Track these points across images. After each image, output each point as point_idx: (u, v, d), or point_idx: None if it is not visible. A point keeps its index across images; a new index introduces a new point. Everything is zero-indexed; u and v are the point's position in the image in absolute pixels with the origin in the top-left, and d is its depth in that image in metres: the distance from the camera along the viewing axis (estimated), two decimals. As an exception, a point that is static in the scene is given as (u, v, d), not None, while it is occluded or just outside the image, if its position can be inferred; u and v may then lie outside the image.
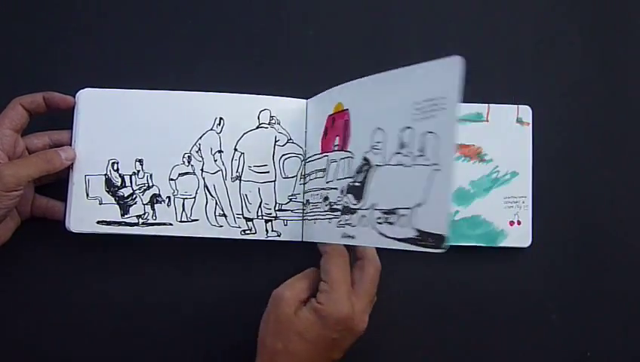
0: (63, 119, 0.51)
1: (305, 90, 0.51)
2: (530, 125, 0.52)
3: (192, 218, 0.50)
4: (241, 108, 0.51)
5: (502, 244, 0.51)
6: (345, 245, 0.45)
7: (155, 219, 0.50)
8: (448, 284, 0.52)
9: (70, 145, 0.50)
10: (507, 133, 0.52)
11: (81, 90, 0.51)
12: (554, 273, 0.52)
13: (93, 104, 0.51)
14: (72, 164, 0.50)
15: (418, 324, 0.51)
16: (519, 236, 0.51)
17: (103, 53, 0.54)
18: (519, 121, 0.52)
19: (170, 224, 0.50)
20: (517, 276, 0.52)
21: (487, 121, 0.52)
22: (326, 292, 0.43)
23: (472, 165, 0.52)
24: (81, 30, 0.54)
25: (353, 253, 0.46)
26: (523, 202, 0.51)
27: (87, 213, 0.50)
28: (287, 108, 0.51)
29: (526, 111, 0.52)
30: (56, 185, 0.49)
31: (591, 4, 0.54)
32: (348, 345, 0.44)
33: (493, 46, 0.54)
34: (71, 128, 0.50)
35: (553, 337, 0.51)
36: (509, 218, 0.51)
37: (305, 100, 0.52)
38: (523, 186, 0.51)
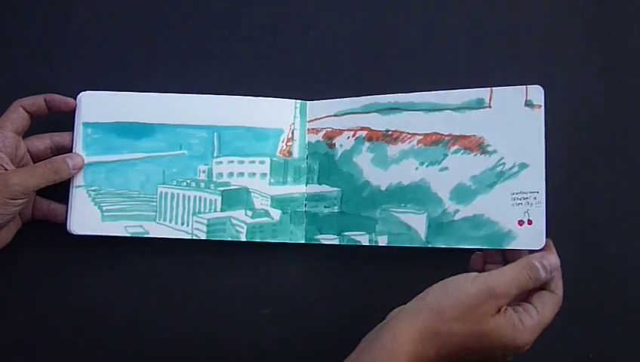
0: (64, 121, 0.51)
1: (305, 91, 0.51)
2: (542, 108, 0.46)
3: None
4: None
5: (510, 246, 0.46)
6: None
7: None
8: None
9: (71, 147, 0.50)
10: (514, 119, 0.46)
11: (82, 93, 0.51)
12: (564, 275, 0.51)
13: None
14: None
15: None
16: (530, 237, 0.46)
17: (103, 55, 0.54)
18: (528, 104, 0.46)
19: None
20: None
21: (490, 107, 0.47)
22: (532, 320, 0.41)
23: (473, 158, 0.47)
24: (81, 32, 0.54)
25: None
26: (535, 198, 0.46)
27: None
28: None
29: (537, 92, 0.46)
30: (58, 187, 0.49)
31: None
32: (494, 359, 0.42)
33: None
34: (72, 130, 0.50)
35: (556, 339, 0.51)
36: (517, 217, 0.46)
37: (307, 102, 0.52)
38: (534, 180, 0.46)
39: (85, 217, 0.50)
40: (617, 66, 0.53)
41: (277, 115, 0.51)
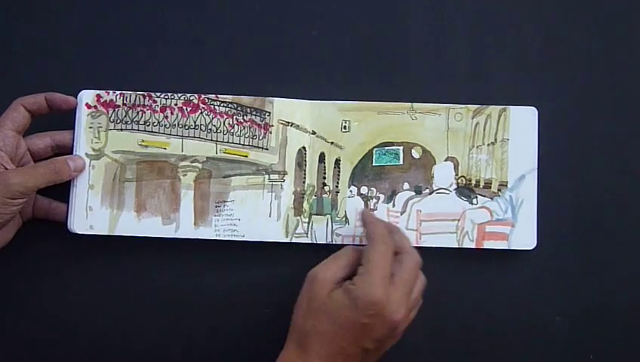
0: (64, 120, 0.50)
1: (308, 91, 0.51)
2: (535, 128, 0.51)
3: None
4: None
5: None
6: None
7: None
8: (450, 286, 0.52)
9: (72, 145, 0.50)
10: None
11: (83, 91, 0.50)
12: (557, 275, 0.52)
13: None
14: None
15: (419, 327, 0.51)
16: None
17: (104, 53, 0.53)
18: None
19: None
20: (520, 278, 0.52)
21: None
22: (361, 275, 0.43)
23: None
24: (82, 31, 0.54)
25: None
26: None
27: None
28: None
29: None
30: (58, 186, 0.49)
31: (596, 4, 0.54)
32: (380, 335, 0.43)
33: (496, 46, 0.54)
34: (73, 129, 0.50)
35: (556, 340, 0.51)
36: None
37: (309, 101, 0.51)
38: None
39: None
40: (618, 67, 0.53)
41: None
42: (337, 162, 0.51)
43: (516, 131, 0.51)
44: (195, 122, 0.51)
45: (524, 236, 0.50)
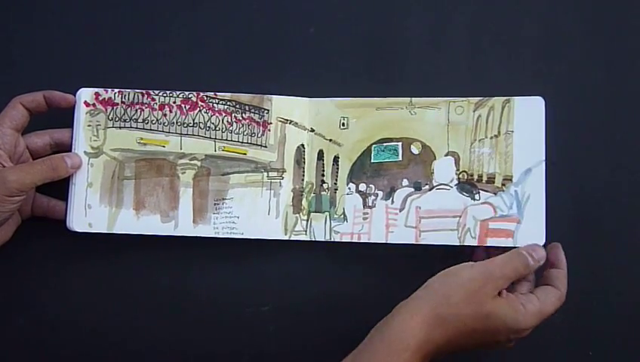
0: (63, 118, 0.50)
1: (306, 88, 0.51)
2: (543, 119, 0.49)
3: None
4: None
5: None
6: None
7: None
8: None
9: (71, 143, 0.50)
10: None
11: (82, 89, 0.50)
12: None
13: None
14: (73, 163, 0.50)
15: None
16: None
17: (102, 52, 0.53)
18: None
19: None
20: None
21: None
22: (534, 306, 0.43)
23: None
24: (80, 29, 0.54)
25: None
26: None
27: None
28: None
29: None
30: (57, 184, 0.49)
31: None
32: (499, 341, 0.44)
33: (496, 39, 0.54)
34: (71, 127, 0.50)
35: (555, 336, 0.51)
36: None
37: (307, 99, 0.51)
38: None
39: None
40: (619, 66, 0.53)
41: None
42: (336, 159, 0.51)
43: (521, 123, 0.49)
44: (193, 120, 0.51)
45: (531, 232, 0.48)
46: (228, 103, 0.51)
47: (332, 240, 0.50)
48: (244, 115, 0.51)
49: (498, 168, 0.49)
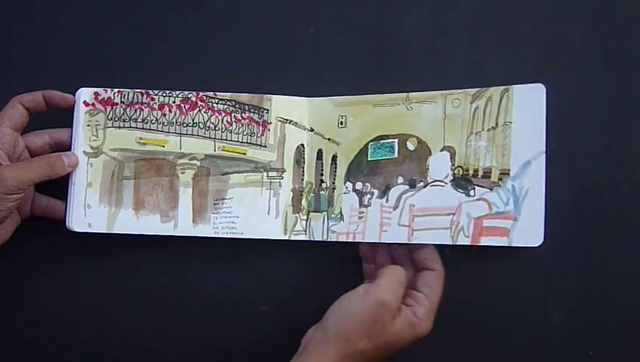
0: (62, 117, 0.50)
1: (306, 88, 0.51)
2: (544, 106, 0.46)
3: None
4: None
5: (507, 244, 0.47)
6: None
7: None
8: (449, 284, 0.51)
9: (70, 143, 0.50)
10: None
11: (81, 89, 0.50)
12: (560, 273, 0.51)
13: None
14: (73, 163, 0.50)
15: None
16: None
17: (102, 51, 0.53)
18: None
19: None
20: (521, 276, 0.51)
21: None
22: (424, 308, 0.45)
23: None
24: (80, 28, 0.54)
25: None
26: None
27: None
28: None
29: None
30: (56, 184, 0.49)
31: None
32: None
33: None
34: (71, 127, 0.50)
35: (555, 336, 0.51)
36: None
37: (307, 98, 0.51)
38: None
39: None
40: (618, 65, 0.53)
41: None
42: (334, 158, 0.51)
43: (520, 113, 0.47)
44: (193, 120, 0.51)
45: (528, 231, 0.46)
46: (227, 103, 0.51)
47: (329, 239, 0.50)
48: (243, 114, 0.51)
49: (495, 162, 0.47)
